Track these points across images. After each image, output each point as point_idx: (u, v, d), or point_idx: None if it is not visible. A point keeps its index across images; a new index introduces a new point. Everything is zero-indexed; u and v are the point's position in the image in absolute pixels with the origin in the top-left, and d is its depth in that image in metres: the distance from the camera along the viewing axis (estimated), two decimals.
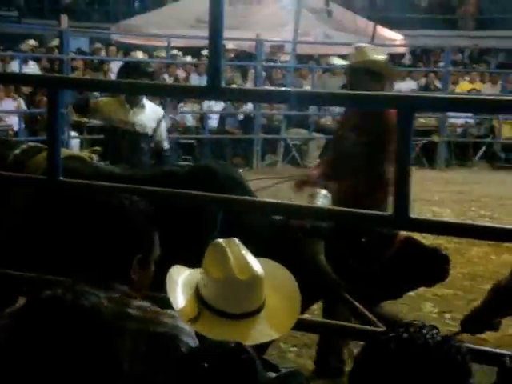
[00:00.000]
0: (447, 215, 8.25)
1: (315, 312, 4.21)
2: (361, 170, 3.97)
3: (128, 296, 2.08)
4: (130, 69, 5.57)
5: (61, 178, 2.98)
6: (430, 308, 5.43)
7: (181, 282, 2.23)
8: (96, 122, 11.28)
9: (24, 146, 3.51)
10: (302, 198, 3.37)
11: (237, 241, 2.20)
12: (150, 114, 5.58)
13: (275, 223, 3.12)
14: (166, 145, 5.74)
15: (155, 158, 5.60)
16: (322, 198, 3.07)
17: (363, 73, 4.16)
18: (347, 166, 4.04)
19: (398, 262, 2.99)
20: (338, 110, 12.74)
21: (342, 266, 3.01)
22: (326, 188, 3.31)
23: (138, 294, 2.13)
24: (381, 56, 4.40)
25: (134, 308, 2.03)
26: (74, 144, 10.55)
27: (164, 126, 5.82)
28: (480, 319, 2.51)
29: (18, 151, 3.45)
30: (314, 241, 2.97)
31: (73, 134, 10.84)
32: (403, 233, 2.95)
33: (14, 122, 10.83)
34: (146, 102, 5.62)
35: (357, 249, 3.00)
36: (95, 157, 3.70)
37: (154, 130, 5.57)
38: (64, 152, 3.58)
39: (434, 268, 2.92)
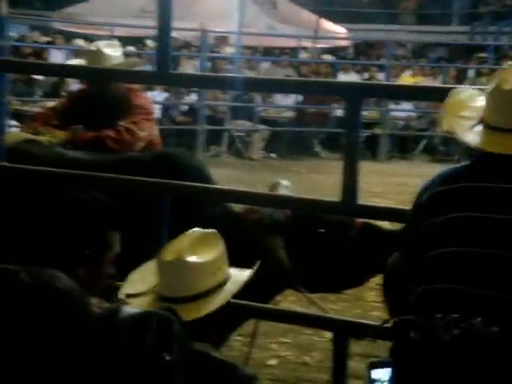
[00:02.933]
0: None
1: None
2: None
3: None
4: None
5: (5, 164, 2.92)
6: (372, 297, 5.50)
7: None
8: (36, 110, 11.14)
9: None
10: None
11: (210, 231, 2.15)
12: None
13: (233, 216, 3.10)
14: None
15: None
16: (284, 189, 3.07)
17: None
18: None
19: (358, 249, 2.99)
20: (282, 101, 12.88)
21: (302, 259, 3.02)
22: None
23: (90, 290, 2.09)
24: (117, 52, 4.21)
25: None
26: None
27: None
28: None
29: None
30: (272, 236, 2.97)
31: (13, 122, 10.62)
32: (360, 220, 2.97)
33: None
34: None
35: (315, 240, 3.01)
36: (55, 141, 3.62)
37: None
38: (21, 135, 3.51)
39: (396, 250, 2.93)
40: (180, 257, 2.07)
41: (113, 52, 4.16)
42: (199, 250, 2.10)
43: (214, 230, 2.17)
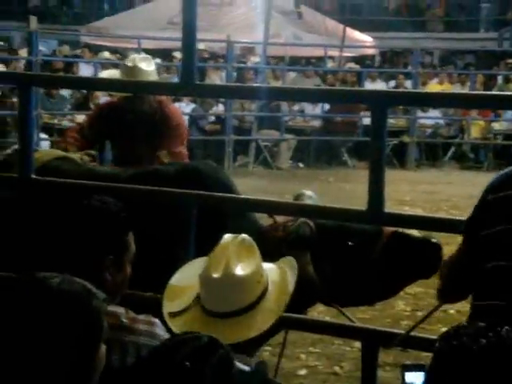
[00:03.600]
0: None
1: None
2: None
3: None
4: None
5: (33, 176, 2.95)
6: (402, 306, 5.46)
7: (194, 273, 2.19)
8: (65, 124, 11.28)
9: (16, 147, 3.47)
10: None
11: (244, 237, 2.15)
12: None
13: (259, 231, 3.07)
14: None
15: None
16: (308, 200, 3.04)
17: None
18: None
19: (389, 259, 2.93)
20: (309, 110, 12.87)
21: (331, 273, 2.98)
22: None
23: (114, 294, 2.12)
24: (151, 66, 4.35)
25: (107, 315, 2.01)
26: (43, 146, 10.45)
27: None
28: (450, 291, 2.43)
29: (9, 151, 3.45)
30: (299, 253, 2.93)
31: (43, 135, 10.74)
32: (389, 228, 2.92)
33: None
34: None
35: (343, 252, 2.97)
36: (87, 158, 3.67)
37: None
38: (53, 153, 3.56)
39: (427, 258, 2.82)
40: (228, 271, 2.05)
41: (147, 67, 4.25)
42: (241, 259, 2.09)
43: (245, 234, 2.17)
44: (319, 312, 4.93)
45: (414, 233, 2.95)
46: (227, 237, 2.15)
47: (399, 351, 3.87)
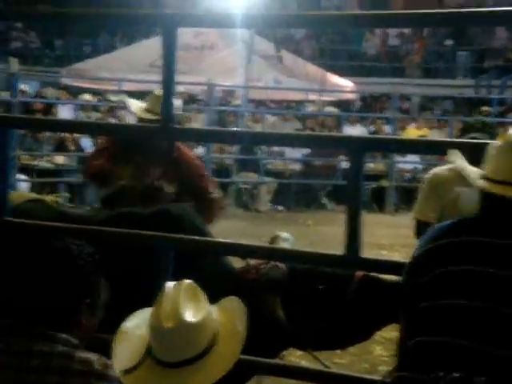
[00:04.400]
0: (396, 259, 8.32)
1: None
2: None
3: (72, 346, 2.03)
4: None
5: (7, 218, 2.93)
6: (379, 351, 5.44)
7: (143, 324, 2.16)
8: (44, 165, 11.25)
9: None
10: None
11: (187, 283, 2.14)
12: None
13: (232, 274, 3.07)
14: None
15: None
16: (283, 242, 3.05)
17: None
18: None
19: (360, 302, 2.93)
20: (290, 154, 12.94)
21: (301, 316, 2.98)
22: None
23: (85, 338, 2.10)
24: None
25: (77, 361, 1.99)
26: (22, 187, 10.41)
27: None
28: None
29: None
30: (270, 297, 2.94)
31: (21, 177, 10.70)
32: (360, 272, 2.93)
33: None
34: None
35: (314, 296, 2.97)
36: (61, 200, 3.66)
37: None
38: (25, 195, 3.54)
39: (399, 301, 2.86)
40: (180, 320, 2.03)
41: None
42: (190, 305, 2.08)
43: (189, 280, 2.15)
44: (297, 357, 4.89)
45: (387, 277, 2.96)
46: (170, 284, 2.13)
47: None
